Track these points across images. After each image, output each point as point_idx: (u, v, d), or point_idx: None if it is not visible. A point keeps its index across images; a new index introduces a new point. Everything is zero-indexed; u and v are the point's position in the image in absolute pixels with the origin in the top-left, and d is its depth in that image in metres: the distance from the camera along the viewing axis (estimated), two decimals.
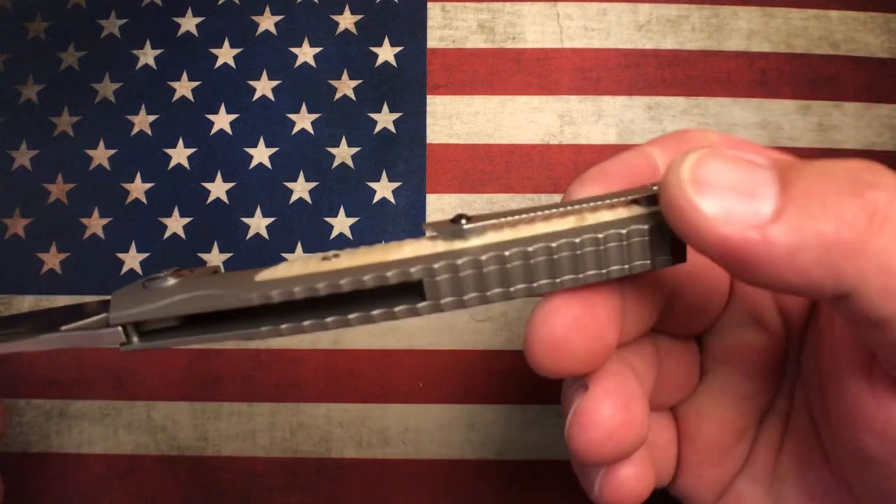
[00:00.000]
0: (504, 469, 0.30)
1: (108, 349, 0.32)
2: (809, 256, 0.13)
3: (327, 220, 0.33)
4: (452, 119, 0.34)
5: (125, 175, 0.34)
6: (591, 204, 0.16)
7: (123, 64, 0.35)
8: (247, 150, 0.34)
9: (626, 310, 0.18)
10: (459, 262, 0.16)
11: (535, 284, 0.16)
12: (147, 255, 0.33)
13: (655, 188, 0.16)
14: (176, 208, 0.33)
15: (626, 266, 0.16)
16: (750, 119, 0.34)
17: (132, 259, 0.33)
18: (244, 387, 0.32)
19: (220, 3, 0.36)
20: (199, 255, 0.33)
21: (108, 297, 0.16)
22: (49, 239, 0.33)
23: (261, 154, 0.34)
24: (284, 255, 0.33)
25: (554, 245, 0.16)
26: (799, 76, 0.34)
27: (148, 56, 0.35)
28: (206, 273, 0.17)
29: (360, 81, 0.35)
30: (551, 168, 0.33)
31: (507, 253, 0.15)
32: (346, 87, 0.35)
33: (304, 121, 0.34)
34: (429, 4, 0.35)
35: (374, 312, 0.16)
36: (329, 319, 0.16)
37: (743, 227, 0.13)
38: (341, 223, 0.33)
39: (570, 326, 0.16)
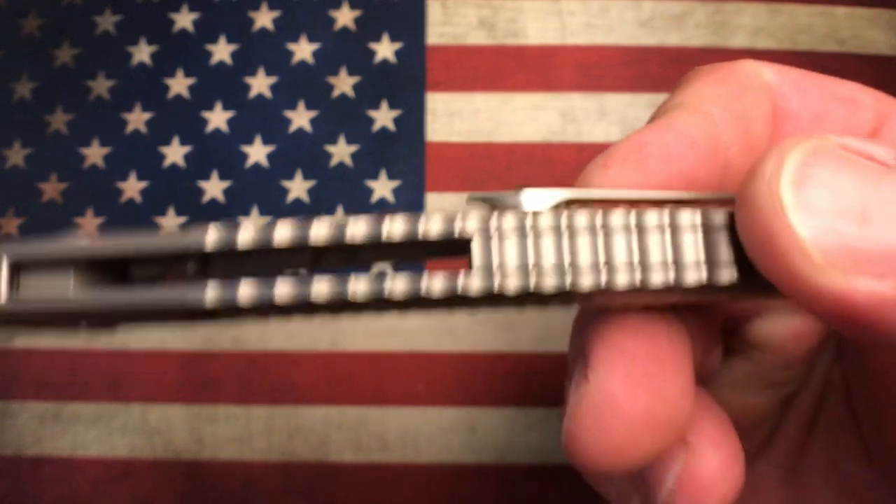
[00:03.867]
0: (505, 473, 0.30)
1: (104, 351, 0.32)
2: None
3: None
4: (452, 117, 0.33)
5: (120, 174, 0.33)
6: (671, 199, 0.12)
7: (118, 61, 0.35)
8: (243, 148, 0.33)
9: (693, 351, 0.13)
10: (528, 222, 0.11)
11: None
12: None
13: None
14: (171, 207, 0.33)
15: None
16: None
17: None
18: (240, 389, 0.31)
19: None
20: None
21: None
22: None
23: (257, 152, 0.33)
24: None
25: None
26: None
27: (143, 53, 0.35)
28: None
29: (358, 78, 0.34)
30: (553, 166, 0.33)
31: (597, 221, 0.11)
32: (344, 84, 0.34)
33: (301, 118, 0.34)
34: (428, 0, 0.35)
35: (395, 285, 0.11)
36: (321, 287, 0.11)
37: (875, 282, 0.09)
38: None
39: (638, 425, 0.11)
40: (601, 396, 0.11)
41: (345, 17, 0.35)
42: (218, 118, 0.34)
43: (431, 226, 0.11)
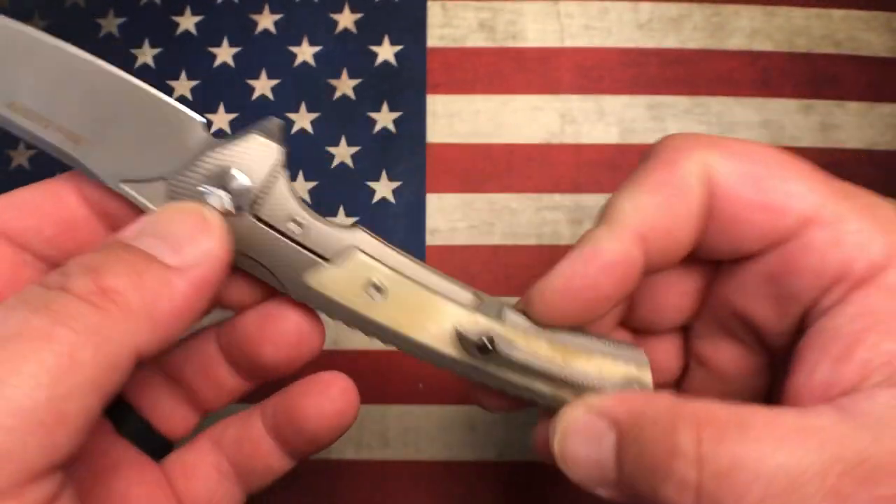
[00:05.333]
0: (504, 470, 0.30)
1: None
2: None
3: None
4: (453, 118, 0.34)
5: None
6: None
7: (122, 63, 0.34)
8: None
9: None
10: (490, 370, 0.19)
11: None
12: None
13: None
14: None
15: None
16: (752, 118, 0.34)
17: None
18: None
19: (218, 1, 0.36)
20: None
21: None
22: None
23: None
24: None
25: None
26: (801, 75, 0.34)
27: (146, 55, 0.35)
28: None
29: (359, 80, 0.34)
30: (552, 167, 0.33)
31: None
32: (345, 86, 0.34)
33: (303, 120, 0.34)
34: (429, 3, 0.35)
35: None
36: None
37: (595, 489, 0.17)
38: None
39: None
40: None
41: (346, 19, 0.35)
42: (221, 120, 0.34)
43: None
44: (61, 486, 0.15)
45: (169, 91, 0.34)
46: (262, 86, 0.34)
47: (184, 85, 0.35)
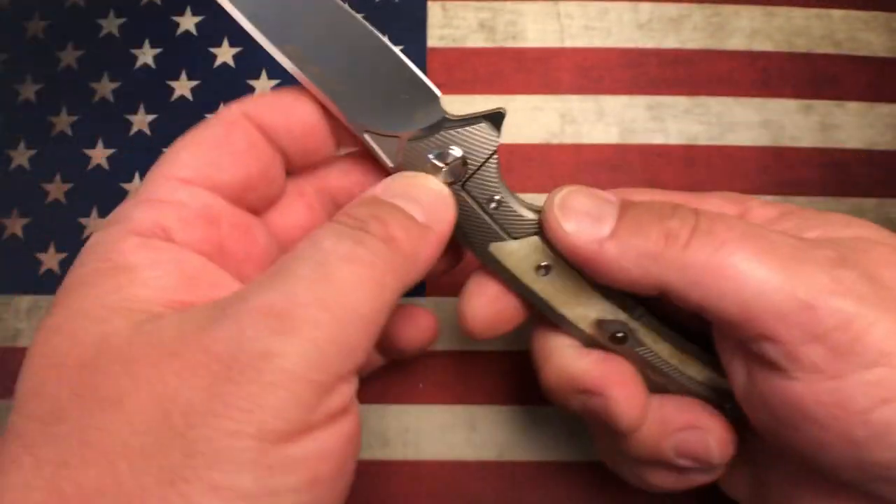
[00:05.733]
0: (505, 470, 0.30)
1: None
2: (630, 262, 0.19)
3: None
4: None
5: (124, 175, 0.34)
6: None
7: (122, 63, 0.35)
8: None
9: None
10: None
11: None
12: None
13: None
14: None
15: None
16: (752, 118, 0.34)
17: None
18: None
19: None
20: None
21: None
22: (48, 239, 0.33)
23: None
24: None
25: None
26: (801, 75, 0.34)
27: (147, 55, 0.35)
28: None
29: None
30: (552, 168, 0.33)
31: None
32: None
33: None
34: (429, 3, 0.35)
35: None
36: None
37: (587, 241, 0.20)
38: None
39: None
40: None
41: None
42: None
43: None
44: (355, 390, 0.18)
45: (169, 91, 0.35)
46: (263, 86, 0.34)
47: (184, 85, 0.35)
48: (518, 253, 0.22)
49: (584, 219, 0.20)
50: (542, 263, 0.21)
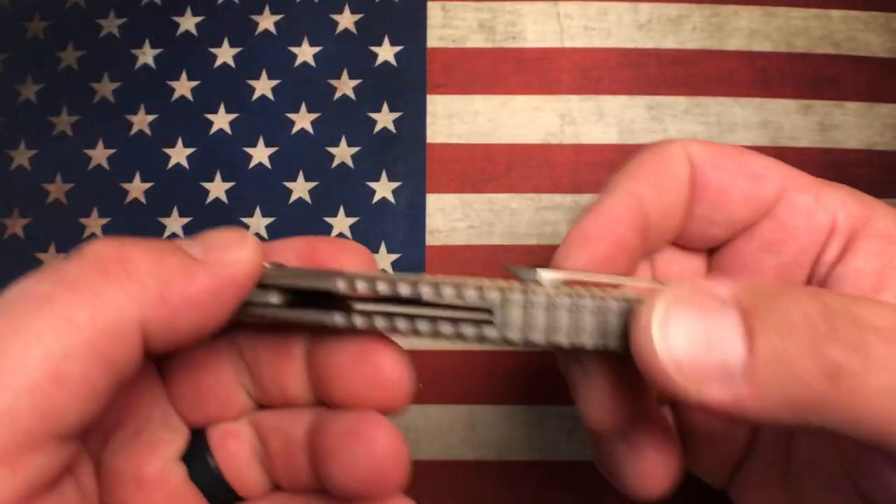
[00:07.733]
0: (505, 470, 0.30)
1: None
2: (779, 413, 0.14)
3: (327, 220, 0.33)
4: (452, 119, 0.34)
5: (124, 175, 0.34)
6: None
7: (122, 63, 0.35)
8: (246, 149, 0.34)
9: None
10: (534, 296, 0.17)
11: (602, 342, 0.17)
12: None
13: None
14: (175, 208, 0.33)
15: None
16: (751, 118, 0.34)
17: None
18: None
19: (219, 2, 0.36)
20: None
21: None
22: (48, 239, 0.33)
23: (260, 154, 0.34)
24: None
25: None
26: (800, 76, 0.34)
27: (147, 56, 0.35)
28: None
29: (359, 81, 0.34)
30: (552, 168, 0.33)
31: (582, 301, 0.17)
32: (345, 86, 0.34)
33: (303, 120, 0.34)
34: (429, 3, 0.35)
35: (443, 328, 0.17)
36: (400, 323, 0.17)
37: (718, 403, 0.14)
38: (341, 223, 0.33)
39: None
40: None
41: (346, 20, 0.35)
42: (221, 120, 0.34)
43: (469, 293, 0.17)
44: (68, 463, 0.14)
45: (169, 91, 0.35)
46: (263, 86, 0.35)
47: (184, 85, 0.35)
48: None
49: (698, 352, 0.14)
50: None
